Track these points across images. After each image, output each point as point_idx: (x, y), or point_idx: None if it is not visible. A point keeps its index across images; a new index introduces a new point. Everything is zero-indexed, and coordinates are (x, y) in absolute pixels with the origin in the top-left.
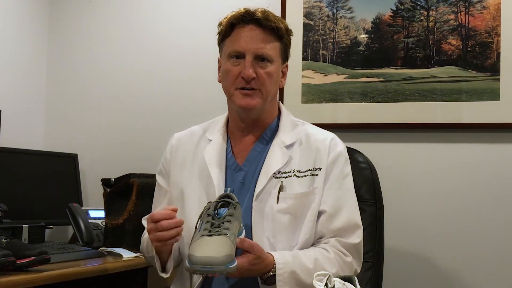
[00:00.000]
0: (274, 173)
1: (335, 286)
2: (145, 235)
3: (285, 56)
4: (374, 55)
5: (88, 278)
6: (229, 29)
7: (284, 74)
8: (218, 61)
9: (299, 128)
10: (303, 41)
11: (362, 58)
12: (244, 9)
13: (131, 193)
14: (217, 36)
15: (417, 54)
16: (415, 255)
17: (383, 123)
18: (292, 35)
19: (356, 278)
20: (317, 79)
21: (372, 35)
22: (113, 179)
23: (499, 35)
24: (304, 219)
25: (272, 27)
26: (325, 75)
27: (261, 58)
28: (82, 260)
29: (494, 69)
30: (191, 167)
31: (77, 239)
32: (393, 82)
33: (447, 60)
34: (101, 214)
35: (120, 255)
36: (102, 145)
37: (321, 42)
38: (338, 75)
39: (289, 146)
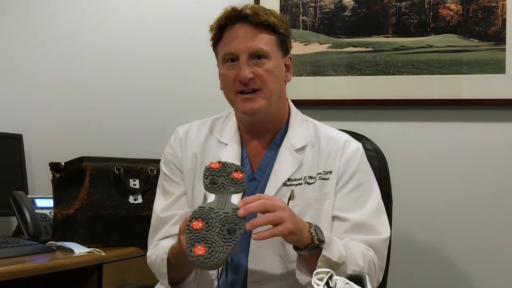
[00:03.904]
0: (284, 181)
1: (337, 286)
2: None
3: (285, 48)
4: (362, 21)
5: (34, 276)
6: (219, 32)
7: (288, 67)
8: (218, 68)
9: (310, 129)
10: (281, 5)
11: (348, 25)
12: (230, 7)
13: (84, 179)
14: (211, 42)
15: (411, 20)
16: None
17: (372, 99)
18: (288, 24)
19: (367, 276)
20: (297, 49)
21: None
22: (63, 163)
23: None
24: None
25: (262, 21)
26: (305, 45)
27: (256, 56)
28: (27, 256)
29: (499, 38)
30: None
31: (22, 231)
32: (383, 52)
33: (445, 27)
34: (50, 203)
35: (71, 250)
36: (50, 124)
37: (301, 6)
38: (321, 44)
39: (299, 150)
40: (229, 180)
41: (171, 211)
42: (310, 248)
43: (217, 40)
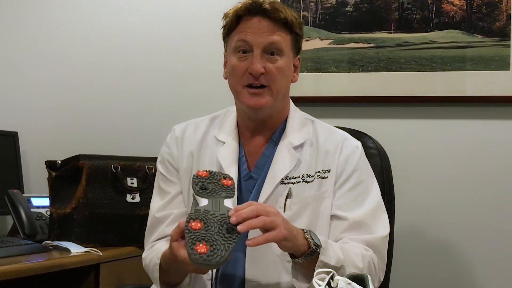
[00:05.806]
0: (282, 179)
1: (339, 286)
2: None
3: (297, 48)
4: (364, 16)
5: (30, 276)
6: (235, 21)
7: (296, 68)
8: (224, 56)
9: (309, 127)
10: (281, 1)
11: (349, 21)
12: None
13: (81, 178)
14: (222, 29)
15: (414, 16)
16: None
17: (374, 96)
18: (302, 24)
19: (369, 276)
20: None
21: None
22: (59, 161)
23: None
24: (316, 227)
25: (281, 18)
26: (306, 40)
27: (270, 52)
28: (23, 256)
29: (503, 33)
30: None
31: (18, 231)
32: (385, 49)
33: (448, 22)
34: (46, 202)
35: (67, 250)
36: (46, 122)
37: (301, 1)
38: (322, 40)
39: (297, 148)
40: (219, 186)
41: (166, 210)
42: (307, 254)
43: (231, 28)
